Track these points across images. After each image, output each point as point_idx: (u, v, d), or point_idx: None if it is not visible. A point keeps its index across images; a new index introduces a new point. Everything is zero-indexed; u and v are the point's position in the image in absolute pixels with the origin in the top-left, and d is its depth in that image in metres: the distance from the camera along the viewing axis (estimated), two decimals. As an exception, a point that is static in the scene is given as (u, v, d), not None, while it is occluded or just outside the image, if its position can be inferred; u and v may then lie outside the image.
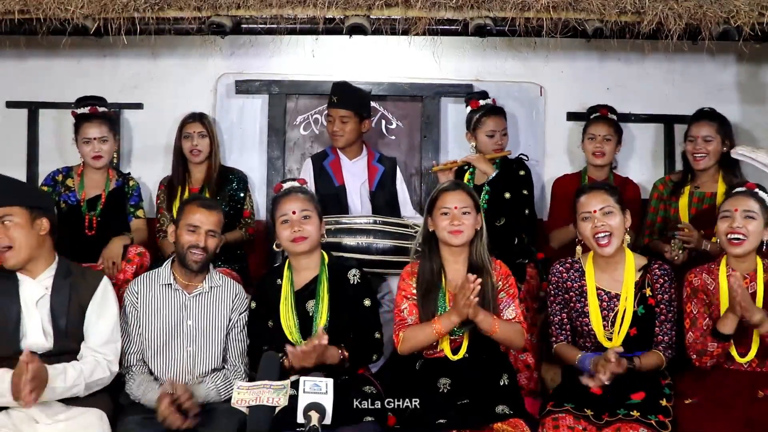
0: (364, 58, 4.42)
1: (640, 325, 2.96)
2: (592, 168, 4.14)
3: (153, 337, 3.06)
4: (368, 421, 2.78)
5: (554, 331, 3.08)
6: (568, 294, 3.05)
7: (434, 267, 3.01)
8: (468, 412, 2.75)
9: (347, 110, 3.93)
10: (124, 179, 4.04)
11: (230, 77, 4.46)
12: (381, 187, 4.02)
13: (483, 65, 4.49)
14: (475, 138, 4.00)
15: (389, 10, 3.57)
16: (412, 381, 2.95)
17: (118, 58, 4.43)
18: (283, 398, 2.35)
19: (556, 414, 2.79)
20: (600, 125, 4.07)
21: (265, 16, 3.57)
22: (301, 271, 3.10)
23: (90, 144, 3.87)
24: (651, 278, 3.00)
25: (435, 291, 2.98)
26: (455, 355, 2.94)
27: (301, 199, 3.09)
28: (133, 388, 2.98)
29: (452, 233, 2.96)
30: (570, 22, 3.58)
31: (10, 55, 4.34)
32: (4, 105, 4.47)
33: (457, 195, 3.01)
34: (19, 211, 2.85)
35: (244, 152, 4.47)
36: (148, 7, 3.49)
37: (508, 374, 2.96)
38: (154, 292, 3.11)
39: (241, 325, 3.14)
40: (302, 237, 3.02)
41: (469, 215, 2.98)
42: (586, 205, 3.00)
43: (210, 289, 3.13)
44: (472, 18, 3.60)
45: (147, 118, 4.49)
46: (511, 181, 3.85)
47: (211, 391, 2.97)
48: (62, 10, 3.42)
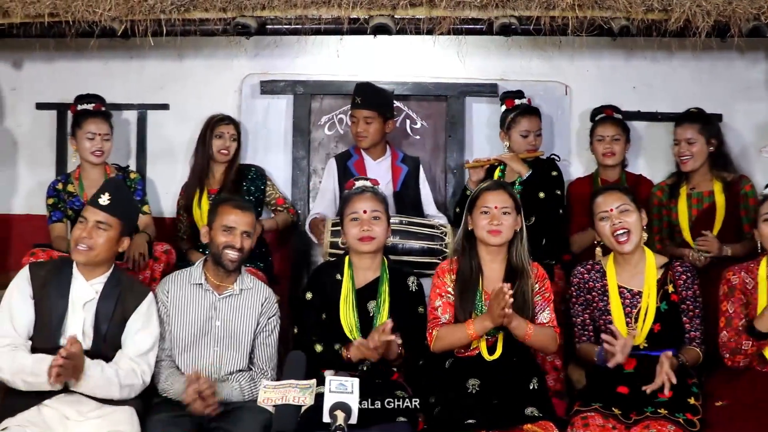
0: (389, 58, 4.42)
1: (664, 322, 2.97)
2: (603, 169, 4.12)
3: (181, 336, 3.08)
4: (401, 421, 2.78)
5: (577, 332, 3.10)
6: (590, 294, 3.07)
7: (473, 265, 3.01)
8: (497, 413, 2.74)
9: (371, 111, 3.93)
10: (124, 173, 4.06)
11: (255, 78, 4.48)
12: (405, 187, 4.02)
13: (508, 64, 4.47)
14: (509, 137, 3.99)
15: (414, 10, 3.57)
16: (441, 380, 2.95)
17: (145, 60, 4.47)
18: (309, 397, 2.36)
19: (585, 413, 2.78)
20: (607, 126, 4.06)
21: (289, 16, 3.59)
22: (362, 270, 3.12)
23: (93, 140, 3.89)
24: (673, 275, 3.02)
25: (473, 289, 2.98)
26: (491, 355, 2.94)
27: (373, 200, 3.13)
28: (161, 381, 3.01)
29: (491, 233, 2.96)
30: (596, 20, 3.56)
31: (40, 57, 4.40)
32: (34, 106, 4.53)
33: (499, 195, 3.01)
34: (116, 224, 2.95)
35: (269, 152, 4.49)
36: (174, 9, 3.52)
37: (537, 378, 2.94)
38: (185, 291, 3.13)
39: (270, 329, 3.16)
40: (370, 237, 3.05)
41: (509, 216, 2.98)
42: (603, 205, 3.05)
43: (240, 292, 3.15)
44: (497, 17, 3.59)
45: (172, 119, 4.53)
46: (545, 180, 3.84)
47: (235, 390, 2.99)
48: (90, 12, 3.47)
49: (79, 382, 2.72)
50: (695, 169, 3.85)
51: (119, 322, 2.92)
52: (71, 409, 2.74)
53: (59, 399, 2.75)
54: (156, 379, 3.03)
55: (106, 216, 2.93)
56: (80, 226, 2.94)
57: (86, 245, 2.89)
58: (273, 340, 3.18)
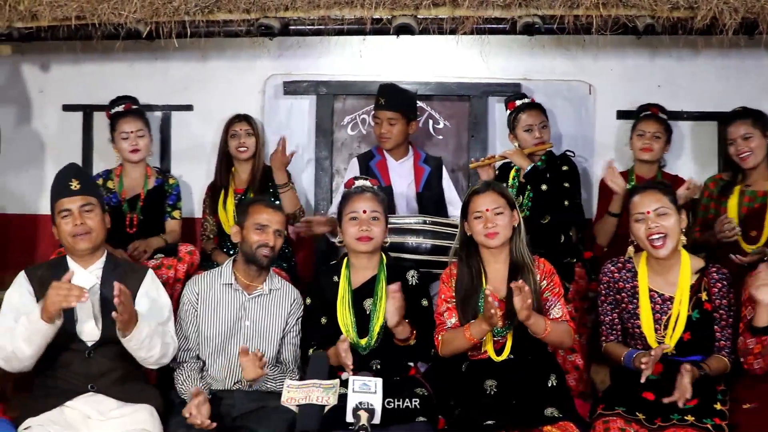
0: (412, 58, 4.41)
1: (694, 330, 2.86)
2: (639, 165, 4.07)
3: (210, 336, 3.10)
4: (421, 421, 2.78)
5: (604, 330, 3.02)
6: (619, 294, 2.98)
7: (473, 271, 2.98)
8: (516, 414, 2.73)
9: (394, 112, 3.92)
10: (164, 177, 4.11)
11: (278, 78, 4.50)
12: (427, 187, 4.01)
13: (531, 64, 4.45)
14: (516, 137, 3.98)
15: (437, 10, 3.57)
16: (459, 383, 2.94)
17: (169, 61, 4.51)
18: (332, 397, 2.37)
19: (607, 417, 2.74)
20: (650, 123, 4.01)
21: (312, 17, 3.60)
22: (359, 270, 3.12)
23: (128, 139, 3.94)
24: (708, 282, 2.90)
25: (475, 294, 2.94)
26: (499, 356, 2.91)
27: (372, 200, 3.12)
28: (179, 382, 3.03)
29: (488, 236, 2.92)
30: (620, 19, 3.53)
31: (67, 60, 4.46)
32: (61, 108, 4.59)
33: (488, 196, 2.96)
34: (96, 201, 2.98)
35: (293, 152, 4.52)
36: (198, 11, 3.55)
37: (556, 375, 2.91)
38: (214, 291, 3.15)
39: (297, 329, 3.17)
40: (368, 237, 3.05)
41: (502, 215, 2.93)
42: (640, 206, 2.91)
43: (269, 292, 3.16)
44: (520, 16, 3.57)
45: (196, 120, 4.56)
46: (552, 174, 3.82)
47: (269, 378, 3.02)
48: (116, 15, 3.50)
49: (131, 332, 2.74)
50: (757, 165, 3.73)
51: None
52: (92, 409, 2.76)
53: (81, 399, 2.77)
54: (176, 376, 3.06)
55: (85, 198, 2.93)
56: (68, 220, 2.91)
57: (83, 230, 2.90)
58: (299, 340, 3.19)
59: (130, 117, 3.99)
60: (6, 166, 4.01)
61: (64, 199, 2.92)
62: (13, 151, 4.26)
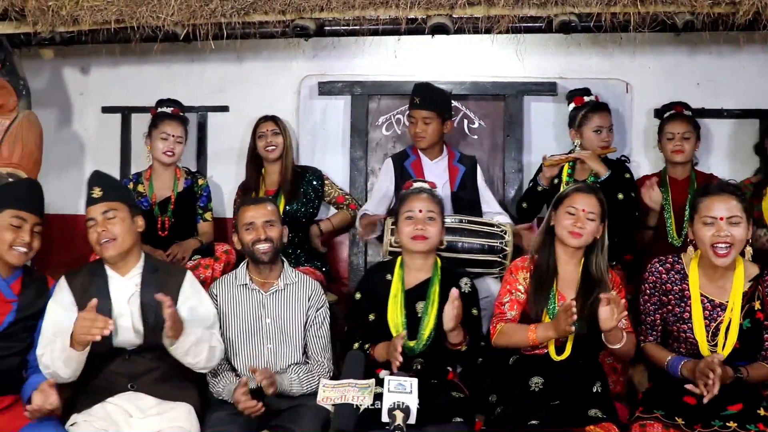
0: (446, 58, 4.39)
1: (744, 339, 2.76)
2: (672, 167, 4.01)
3: (234, 337, 3.13)
4: (457, 421, 2.77)
5: (645, 330, 2.96)
6: (666, 296, 2.90)
7: (550, 262, 2.98)
8: (559, 414, 2.70)
9: (430, 111, 3.92)
10: (193, 178, 4.14)
11: (313, 79, 4.52)
12: (462, 187, 4.00)
13: (567, 62, 4.41)
14: (581, 135, 3.93)
15: (472, 9, 3.53)
16: (504, 377, 2.93)
17: (205, 63, 4.55)
18: (368, 397, 2.37)
19: (645, 421, 2.70)
20: (676, 123, 3.94)
21: (347, 17, 3.59)
22: (413, 270, 3.11)
23: (167, 140, 3.99)
24: (762, 290, 2.81)
25: (548, 286, 2.94)
26: (559, 356, 2.89)
27: (429, 201, 3.12)
28: (218, 386, 3.06)
29: (572, 234, 2.92)
30: (659, 15, 3.46)
31: (106, 62, 4.52)
32: (100, 110, 4.66)
33: (589, 199, 2.95)
34: (122, 206, 2.96)
35: (327, 153, 4.52)
36: (234, 12, 3.56)
37: (601, 382, 2.90)
38: (233, 293, 3.18)
39: (320, 320, 3.18)
40: (423, 236, 3.04)
41: (593, 222, 2.93)
42: (713, 209, 2.74)
43: (285, 287, 3.18)
44: (556, 14, 3.53)
45: (232, 121, 4.59)
46: (620, 184, 3.78)
47: (294, 382, 3.02)
48: (154, 18, 3.54)
49: (179, 340, 2.77)
50: None
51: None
52: (133, 406, 2.80)
53: (122, 397, 2.81)
54: (211, 385, 3.09)
55: (107, 204, 2.92)
56: (92, 229, 2.91)
57: (107, 238, 2.88)
58: (324, 332, 3.19)
59: (176, 121, 4.04)
60: (47, 167, 4.08)
61: (89, 208, 2.94)
62: (54, 152, 4.33)
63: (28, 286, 2.94)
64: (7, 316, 2.84)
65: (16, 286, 2.92)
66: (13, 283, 2.91)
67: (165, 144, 3.99)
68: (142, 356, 2.89)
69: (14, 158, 3.82)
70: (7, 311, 2.85)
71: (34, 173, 3.91)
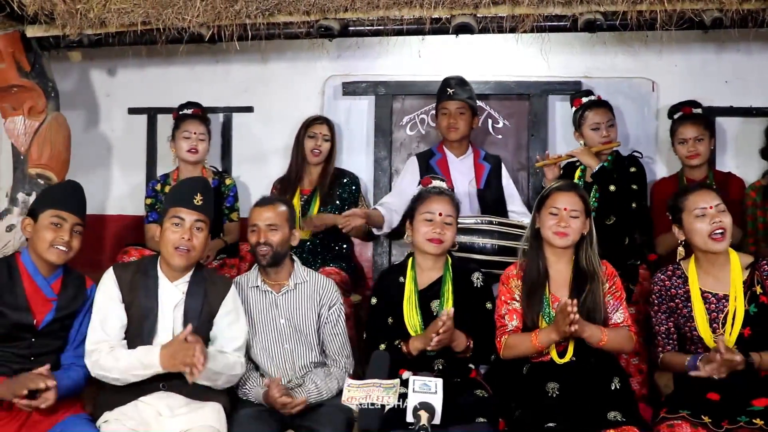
0: (471, 57, 4.38)
1: (754, 326, 2.79)
2: (689, 169, 3.96)
3: (254, 339, 3.13)
4: (480, 422, 2.76)
5: (660, 341, 2.97)
6: (673, 301, 2.93)
7: (540, 265, 2.96)
8: (578, 417, 2.68)
9: (463, 102, 3.93)
10: (221, 178, 4.16)
11: (337, 79, 4.53)
12: (488, 185, 3.99)
13: (592, 61, 4.39)
14: (582, 135, 3.91)
15: (496, 8, 3.52)
16: (520, 385, 2.91)
17: (230, 64, 4.59)
18: (392, 397, 2.36)
19: (672, 421, 2.68)
20: (688, 126, 3.89)
21: (372, 17, 3.60)
22: (425, 270, 3.11)
23: (189, 139, 4.03)
24: (760, 275, 2.85)
25: (540, 290, 2.93)
26: (561, 359, 2.88)
27: (449, 203, 3.11)
28: (240, 385, 3.06)
29: (557, 234, 2.91)
30: (686, 13, 3.43)
31: (132, 64, 4.58)
32: (127, 111, 4.71)
33: (569, 197, 2.94)
34: (208, 222, 2.98)
35: (352, 153, 4.54)
36: (259, 13, 3.57)
37: (619, 378, 2.87)
38: (246, 295, 3.17)
39: (335, 318, 3.18)
40: (440, 240, 3.04)
41: (577, 219, 2.91)
42: (701, 202, 2.87)
43: (296, 286, 3.18)
44: (582, 13, 3.51)
45: (257, 121, 4.63)
46: (620, 175, 3.74)
47: (312, 392, 3.02)
48: (180, 19, 3.56)
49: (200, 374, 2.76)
50: None
51: (206, 319, 2.95)
52: (163, 405, 2.80)
53: (153, 396, 2.82)
54: (240, 390, 3.07)
55: (201, 215, 2.93)
56: (176, 228, 2.90)
57: (186, 247, 2.88)
58: (341, 329, 3.19)
59: (197, 120, 4.08)
60: (75, 167, 4.13)
61: (183, 209, 2.92)
62: (82, 153, 4.38)
63: (67, 285, 2.96)
64: (47, 315, 2.87)
65: (57, 285, 2.94)
66: (53, 283, 2.93)
67: (188, 142, 4.03)
68: None
69: (43, 159, 3.87)
70: (47, 310, 2.88)
71: (62, 174, 3.96)
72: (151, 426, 2.75)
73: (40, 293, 2.89)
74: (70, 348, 2.94)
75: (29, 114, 3.86)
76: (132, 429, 2.73)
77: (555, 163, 3.83)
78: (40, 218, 2.90)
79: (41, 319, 2.86)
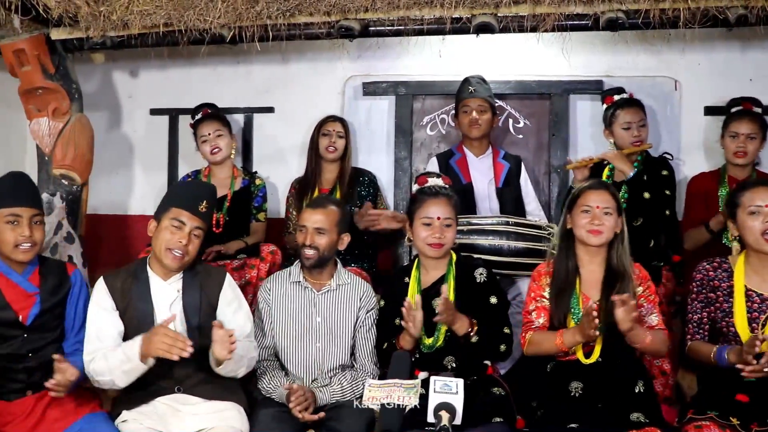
0: (491, 57, 4.37)
1: None
2: (732, 166, 3.90)
3: (284, 334, 3.15)
4: (497, 422, 2.74)
5: (691, 329, 2.91)
6: (713, 293, 2.87)
7: (569, 266, 2.94)
8: (601, 418, 2.67)
9: (484, 99, 3.93)
10: (251, 178, 4.18)
11: (358, 79, 4.54)
12: (507, 184, 3.98)
13: (614, 60, 4.36)
14: (612, 133, 3.88)
15: (517, 8, 3.49)
16: (543, 383, 2.90)
17: (251, 65, 4.62)
18: (413, 397, 2.37)
19: (699, 422, 2.65)
20: (743, 122, 3.81)
21: (392, 18, 3.58)
22: (430, 270, 3.12)
23: (207, 141, 4.05)
24: None
25: (569, 290, 2.91)
26: (588, 359, 2.86)
27: (446, 205, 3.09)
28: (265, 383, 3.08)
29: (591, 232, 2.89)
30: (710, 10, 3.37)
31: (154, 65, 4.62)
32: (149, 112, 4.76)
33: (601, 195, 2.92)
34: (205, 229, 2.97)
35: (372, 153, 4.54)
36: (279, 14, 3.58)
37: (643, 381, 2.84)
38: (285, 290, 3.19)
39: (369, 323, 3.18)
40: (440, 244, 3.04)
41: (610, 216, 2.89)
42: (756, 199, 2.78)
43: (338, 287, 3.19)
44: (603, 12, 3.47)
45: (278, 122, 4.64)
46: (653, 180, 3.70)
47: (337, 393, 3.03)
48: (201, 21, 3.58)
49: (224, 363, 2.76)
50: None
51: (208, 311, 2.93)
52: (180, 404, 2.83)
53: (170, 398, 2.84)
54: (259, 381, 3.10)
55: (203, 223, 2.93)
56: (175, 231, 2.87)
57: (182, 252, 2.87)
58: (373, 335, 3.19)
59: (208, 120, 4.10)
60: (98, 168, 4.17)
61: (186, 213, 2.89)
62: (104, 154, 4.43)
63: (46, 275, 2.92)
64: (32, 309, 2.84)
65: (35, 278, 2.89)
66: (30, 276, 2.89)
67: (207, 145, 4.06)
68: (186, 360, 2.82)
69: (67, 160, 3.91)
70: (30, 304, 2.85)
71: (85, 175, 4.01)
72: (171, 424, 2.76)
73: (18, 289, 2.85)
74: (70, 335, 2.93)
75: (53, 115, 3.90)
76: (150, 428, 2.74)
77: (585, 166, 3.80)
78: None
79: (26, 315, 2.83)
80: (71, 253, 3.85)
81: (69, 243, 3.86)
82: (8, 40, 3.78)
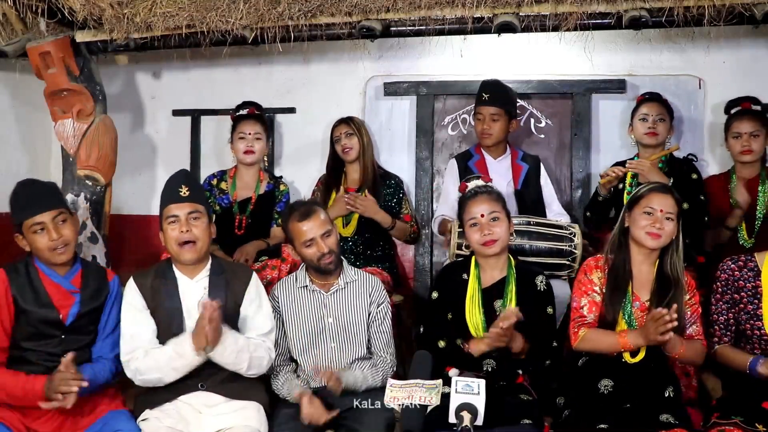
0: (513, 56, 4.35)
1: None
2: (740, 166, 3.87)
3: (298, 337, 3.14)
4: (526, 423, 2.73)
5: (717, 331, 2.88)
6: (738, 294, 2.84)
7: (625, 264, 2.91)
8: (630, 418, 2.65)
9: (498, 108, 3.89)
10: (276, 183, 4.19)
11: (379, 80, 4.54)
12: (526, 185, 3.96)
13: (637, 59, 4.32)
14: (632, 128, 3.88)
15: (539, 7, 3.47)
16: (572, 379, 2.88)
17: (273, 65, 4.63)
18: (435, 397, 2.36)
19: (723, 426, 2.62)
20: (744, 121, 3.80)
21: (413, 18, 3.57)
22: (488, 270, 3.10)
23: (244, 140, 4.07)
24: None
25: (623, 288, 2.88)
26: (634, 358, 2.82)
27: (488, 201, 3.08)
28: (279, 386, 3.08)
29: (650, 235, 2.85)
30: (735, 8, 3.32)
31: (177, 67, 4.65)
32: (171, 113, 4.79)
33: (666, 199, 2.88)
34: (204, 210, 3.00)
35: (393, 153, 4.54)
36: (301, 15, 3.59)
37: (673, 387, 2.82)
38: (294, 295, 3.19)
39: (382, 316, 3.18)
40: (492, 240, 3.02)
41: (671, 222, 2.85)
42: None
43: (346, 285, 3.18)
44: (626, 10, 3.44)
45: (299, 122, 4.65)
46: (685, 188, 3.67)
47: (359, 377, 3.02)
48: (224, 22, 3.60)
49: (216, 349, 2.78)
50: None
51: (233, 309, 2.96)
52: (202, 404, 2.85)
53: (193, 395, 2.86)
54: (274, 383, 3.10)
55: (193, 205, 2.93)
56: (173, 226, 2.91)
57: (188, 239, 2.89)
58: (387, 327, 3.18)
59: (252, 120, 4.12)
60: (121, 169, 4.21)
61: (173, 205, 2.93)
62: (128, 155, 4.46)
63: (88, 278, 2.97)
64: (72, 309, 2.89)
65: (77, 280, 2.94)
66: (73, 279, 2.94)
67: (244, 143, 4.07)
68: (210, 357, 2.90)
69: (91, 161, 3.95)
70: (71, 303, 2.89)
71: (109, 176, 4.04)
72: (191, 424, 2.79)
73: (60, 288, 2.90)
74: (99, 339, 2.96)
75: (78, 117, 3.94)
76: (171, 426, 2.76)
77: (618, 177, 3.75)
78: (24, 231, 2.87)
79: (66, 314, 2.87)
80: (95, 252, 3.89)
81: (93, 243, 3.91)
82: (34, 42, 3.83)
